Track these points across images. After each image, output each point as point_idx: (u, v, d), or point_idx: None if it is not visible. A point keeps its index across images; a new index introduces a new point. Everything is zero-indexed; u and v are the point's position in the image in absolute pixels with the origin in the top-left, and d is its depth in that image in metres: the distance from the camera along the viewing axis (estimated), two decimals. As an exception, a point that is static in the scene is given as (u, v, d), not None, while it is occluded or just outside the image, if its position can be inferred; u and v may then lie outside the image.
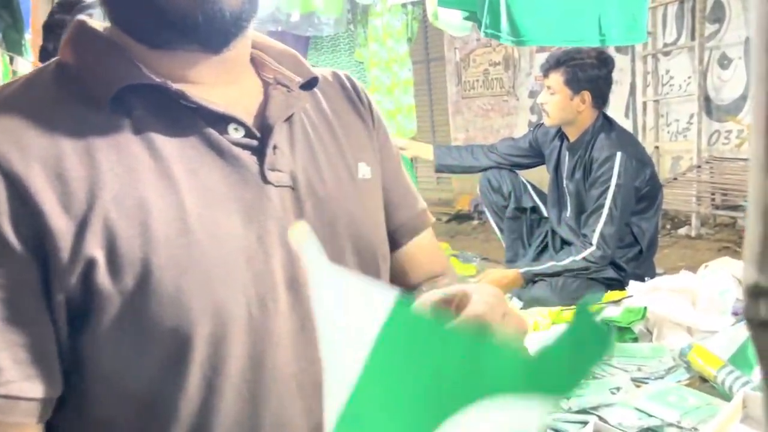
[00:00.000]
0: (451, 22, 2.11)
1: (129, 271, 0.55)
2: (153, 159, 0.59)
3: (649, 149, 3.89)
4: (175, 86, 0.60)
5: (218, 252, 0.58)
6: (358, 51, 3.90)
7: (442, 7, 1.94)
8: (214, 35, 0.61)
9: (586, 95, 2.36)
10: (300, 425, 0.63)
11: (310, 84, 0.71)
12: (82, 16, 0.66)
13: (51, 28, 1.80)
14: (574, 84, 2.34)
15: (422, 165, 3.56)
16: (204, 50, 0.62)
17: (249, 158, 0.63)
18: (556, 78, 2.37)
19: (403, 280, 0.80)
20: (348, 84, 0.79)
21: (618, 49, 4.17)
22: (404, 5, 2.90)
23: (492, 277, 2.35)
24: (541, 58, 2.63)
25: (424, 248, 0.83)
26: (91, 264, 0.55)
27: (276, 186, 0.63)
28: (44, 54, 1.85)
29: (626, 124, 4.05)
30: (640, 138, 3.95)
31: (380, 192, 0.76)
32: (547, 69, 2.41)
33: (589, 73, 2.34)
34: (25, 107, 0.58)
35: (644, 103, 4.19)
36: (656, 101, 4.14)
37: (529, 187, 2.80)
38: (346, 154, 0.72)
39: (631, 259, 2.39)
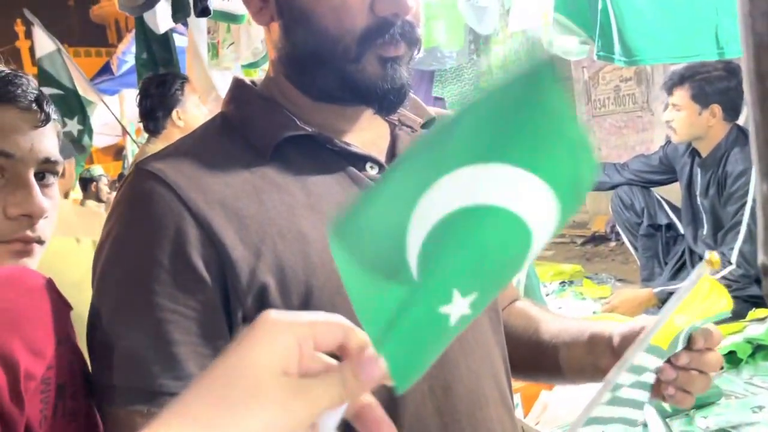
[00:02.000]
0: (567, 47, 2.15)
1: (294, 291, 0.65)
2: (306, 196, 0.69)
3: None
4: (324, 134, 0.73)
5: None
6: (484, 79, 3.95)
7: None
8: (393, 105, 0.73)
9: (716, 109, 2.28)
10: (432, 423, 0.71)
11: (428, 124, 0.82)
12: (236, 75, 0.81)
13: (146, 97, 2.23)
14: (702, 98, 2.27)
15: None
16: (377, 113, 0.75)
17: None
18: (682, 94, 2.32)
19: None
20: None
21: None
22: (524, 31, 2.95)
23: (623, 297, 2.31)
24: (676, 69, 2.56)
25: None
26: (264, 288, 0.64)
27: None
28: (151, 121, 2.22)
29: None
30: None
31: None
32: (671, 86, 2.36)
33: (717, 85, 2.26)
34: (203, 158, 0.69)
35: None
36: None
37: (664, 203, 2.72)
38: None
39: (780, 276, 2.25)
